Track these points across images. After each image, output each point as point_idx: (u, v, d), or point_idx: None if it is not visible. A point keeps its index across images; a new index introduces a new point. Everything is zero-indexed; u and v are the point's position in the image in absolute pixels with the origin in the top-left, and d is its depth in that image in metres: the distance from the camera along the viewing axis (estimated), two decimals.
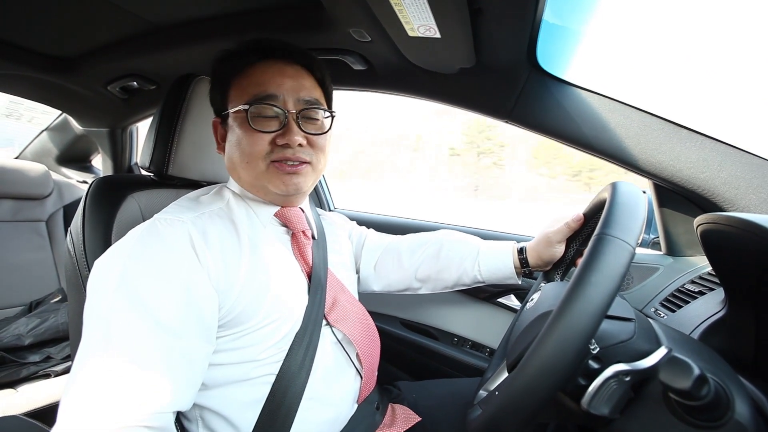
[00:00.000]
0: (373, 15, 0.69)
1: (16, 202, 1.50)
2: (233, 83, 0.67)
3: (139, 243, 0.55)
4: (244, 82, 0.65)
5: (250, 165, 0.64)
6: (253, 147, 0.63)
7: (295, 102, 0.65)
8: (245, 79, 0.66)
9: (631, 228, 0.41)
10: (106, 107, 1.44)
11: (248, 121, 0.62)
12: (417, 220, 1.35)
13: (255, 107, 0.63)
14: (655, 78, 5.10)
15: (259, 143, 0.63)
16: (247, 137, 0.63)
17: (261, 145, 0.63)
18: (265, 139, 0.63)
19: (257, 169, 0.64)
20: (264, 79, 0.64)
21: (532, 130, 0.91)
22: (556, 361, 0.37)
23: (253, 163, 0.64)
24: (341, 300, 0.73)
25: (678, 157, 0.79)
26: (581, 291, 0.37)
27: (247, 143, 0.63)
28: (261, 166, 0.64)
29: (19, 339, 1.25)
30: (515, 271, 0.80)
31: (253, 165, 0.64)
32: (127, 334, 0.49)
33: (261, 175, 0.64)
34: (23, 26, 0.97)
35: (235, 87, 0.66)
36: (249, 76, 0.65)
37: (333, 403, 0.67)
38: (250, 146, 0.63)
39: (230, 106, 0.66)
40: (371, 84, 1.05)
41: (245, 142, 0.63)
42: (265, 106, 0.63)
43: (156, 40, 1.01)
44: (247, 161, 0.64)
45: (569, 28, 0.83)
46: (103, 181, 0.77)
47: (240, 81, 0.66)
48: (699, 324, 0.63)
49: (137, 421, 0.46)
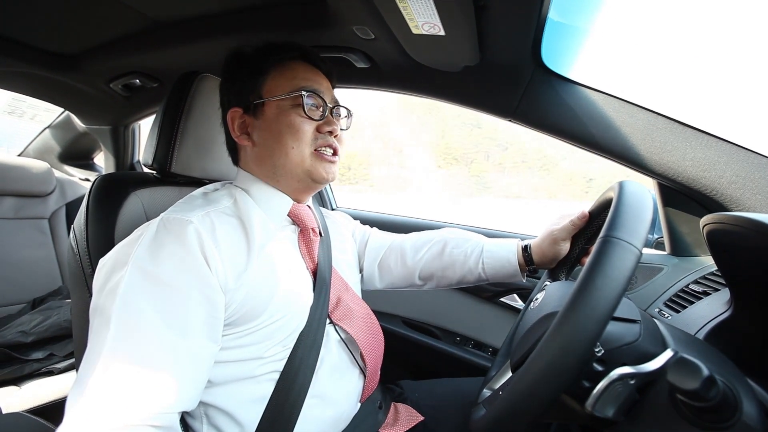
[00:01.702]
0: (377, 12, 0.69)
1: (18, 199, 1.50)
2: (272, 73, 0.69)
3: (146, 242, 0.55)
4: (287, 74, 0.69)
5: (296, 150, 0.66)
6: (301, 133, 0.66)
7: (330, 99, 0.71)
8: (288, 71, 0.69)
9: (637, 230, 0.41)
10: (108, 105, 1.44)
11: (303, 107, 0.66)
12: (420, 219, 1.35)
13: (307, 95, 0.67)
14: (661, 76, 5.06)
15: (307, 129, 0.67)
16: (297, 123, 0.66)
17: (309, 131, 0.67)
18: (312, 126, 0.67)
19: (303, 153, 0.67)
20: (309, 75, 0.70)
21: (536, 129, 0.90)
22: (561, 364, 0.36)
23: (301, 147, 0.67)
24: (345, 299, 0.73)
25: (683, 157, 0.78)
26: (586, 295, 0.37)
27: (297, 129, 0.66)
28: (307, 152, 0.67)
29: (22, 336, 1.25)
30: (519, 269, 0.80)
31: (300, 150, 0.67)
32: (134, 333, 0.49)
33: (305, 160, 0.67)
34: (26, 23, 0.97)
35: (276, 77, 0.69)
36: (289, 70, 0.69)
37: (336, 401, 0.67)
38: (299, 132, 0.66)
39: (268, 95, 0.68)
40: (374, 82, 1.05)
41: (294, 127, 0.66)
42: (314, 97, 0.68)
43: (159, 38, 1.01)
44: (292, 146, 0.66)
45: (574, 26, 0.82)
46: (107, 178, 0.76)
47: (281, 73, 0.69)
48: (704, 325, 0.62)
49: (143, 420, 0.46)
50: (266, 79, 0.69)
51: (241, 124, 0.70)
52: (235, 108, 0.70)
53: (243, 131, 0.70)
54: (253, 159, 0.70)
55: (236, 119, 0.70)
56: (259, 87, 0.69)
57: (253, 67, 0.69)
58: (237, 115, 0.70)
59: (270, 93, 0.68)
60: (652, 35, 1.97)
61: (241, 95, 0.70)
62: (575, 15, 0.80)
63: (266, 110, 0.68)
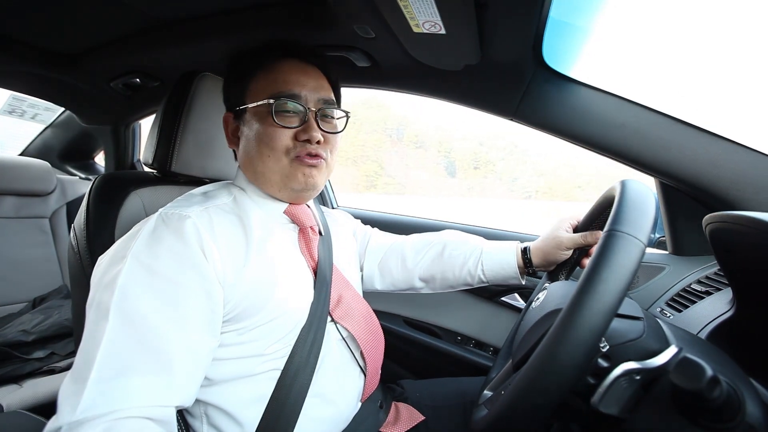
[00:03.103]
0: (377, 11, 0.69)
1: (19, 198, 1.51)
2: (253, 79, 0.68)
3: (144, 237, 0.55)
4: (267, 77, 0.67)
5: (272, 159, 0.65)
6: (276, 141, 0.64)
7: (315, 101, 0.67)
8: (268, 75, 0.67)
9: (641, 224, 0.41)
10: (109, 104, 1.43)
11: (272, 116, 0.63)
12: (420, 219, 1.35)
13: (278, 103, 0.64)
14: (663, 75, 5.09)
15: (282, 138, 0.64)
16: (270, 132, 0.64)
17: (284, 140, 0.64)
18: (287, 134, 0.65)
19: (280, 163, 0.65)
20: (287, 77, 0.66)
21: (537, 128, 0.90)
22: (567, 359, 0.36)
23: (276, 157, 0.65)
24: (346, 297, 0.73)
25: (685, 156, 0.78)
26: (592, 288, 0.37)
27: (270, 138, 0.64)
28: (284, 161, 0.65)
29: (23, 335, 1.26)
30: (519, 271, 0.80)
31: (276, 159, 0.65)
32: (132, 326, 0.49)
33: (283, 170, 0.65)
34: (27, 22, 0.97)
35: (256, 82, 0.67)
36: (271, 73, 0.67)
37: (337, 400, 0.66)
38: (273, 140, 0.64)
39: (249, 101, 0.67)
40: (375, 81, 1.05)
41: (268, 136, 0.64)
42: (288, 103, 0.65)
43: (159, 37, 1.00)
44: (268, 155, 0.65)
45: (576, 24, 0.82)
46: (107, 177, 0.76)
47: (262, 77, 0.67)
48: (706, 324, 0.62)
49: (137, 412, 0.46)
50: (250, 83, 0.68)
51: (234, 129, 0.71)
52: (228, 112, 0.71)
53: (235, 135, 0.71)
54: (242, 164, 0.71)
55: (230, 124, 0.71)
56: (243, 92, 0.68)
57: (241, 71, 0.69)
58: (230, 119, 0.71)
59: (251, 99, 0.67)
60: (654, 33, 1.99)
61: (230, 101, 0.71)
62: (577, 13, 0.79)
63: (247, 117, 0.67)
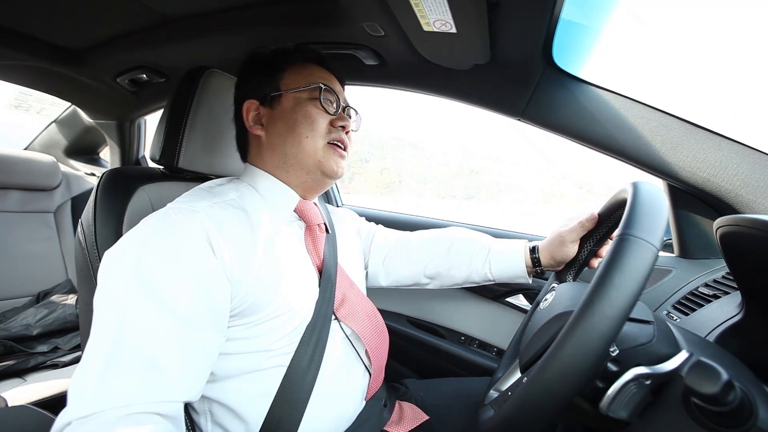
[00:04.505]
0: (388, 9, 0.68)
1: (24, 193, 1.51)
2: (289, 70, 0.72)
3: (152, 231, 0.55)
4: (304, 72, 0.72)
5: (310, 139, 0.68)
6: (318, 123, 0.68)
7: (342, 99, 0.74)
8: (304, 70, 0.72)
9: (654, 228, 0.40)
10: (115, 99, 1.43)
11: (320, 99, 0.69)
12: (426, 218, 1.34)
13: (325, 89, 0.69)
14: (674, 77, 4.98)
15: (322, 121, 0.69)
16: (314, 113, 0.68)
17: (324, 123, 0.69)
18: (327, 119, 0.70)
19: (316, 144, 0.68)
20: (323, 75, 0.73)
21: (545, 129, 0.90)
22: (577, 363, 0.36)
23: (314, 138, 0.68)
24: (350, 296, 0.72)
25: (695, 158, 0.77)
26: (604, 292, 0.37)
27: (313, 119, 0.68)
28: (320, 143, 0.69)
29: (27, 329, 1.26)
30: (527, 270, 0.79)
31: (314, 140, 0.68)
32: (140, 321, 0.49)
33: (318, 152, 0.69)
34: (34, 16, 0.97)
35: (293, 74, 0.71)
36: (308, 69, 0.73)
37: (342, 398, 0.66)
38: (315, 122, 0.68)
39: (286, 87, 0.70)
40: (382, 79, 1.04)
41: (311, 117, 0.68)
42: (330, 92, 0.71)
43: (166, 33, 1.00)
44: (307, 136, 0.68)
45: (586, 25, 0.81)
46: (114, 173, 0.76)
47: (298, 71, 0.72)
48: (714, 328, 0.62)
49: (146, 407, 0.46)
50: (283, 74, 0.71)
51: (255, 115, 0.72)
52: (251, 100, 0.72)
53: (257, 122, 0.72)
54: (265, 148, 0.71)
55: (251, 110, 0.72)
56: (276, 80, 0.71)
57: (271, 64, 0.72)
58: (253, 106, 0.72)
59: (287, 86, 0.70)
60: (666, 35, 1.94)
61: (258, 88, 0.72)
62: (588, 14, 0.79)
63: (283, 101, 0.70)
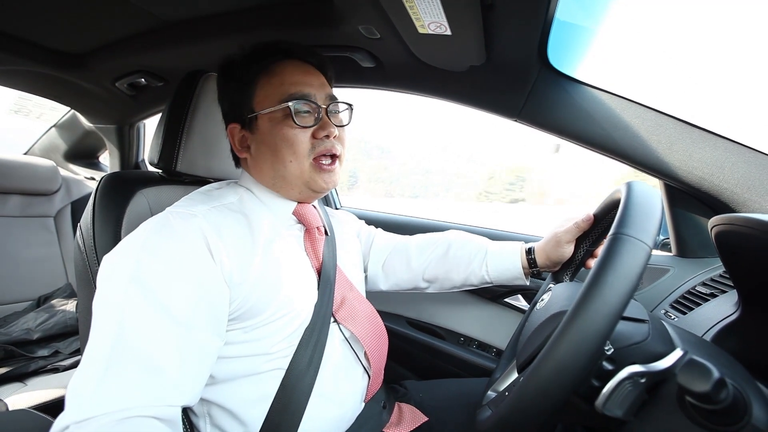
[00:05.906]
0: (383, 11, 0.69)
1: (24, 197, 1.51)
2: (258, 85, 0.67)
3: (151, 235, 0.55)
4: (273, 82, 0.66)
5: (294, 163, 0.65)
6: (298, 145, 0.65)
7: (323, 98, 0.68)
8: (272, 79, 0.67)
9: (647, 227, 0.41)
10: (114, 104, 1.44)
11: (292, 118, 0.64)
12: (425, 220, 1.35)
13: (296, 105, 0.64)
14: (669, 76, 4.96)
15: (303, 139, 0.65)
16: (291, 135, 0.65)
17: (305, 141, 0.65)
18: (307, 135, 0.65)
19: (303, 165, 0.66)
20: (294, 79, 0.66)
21: (542, 129, 0.90)
22: (571, 361, 0.36)
23: (299, 160, 0.65)
24: (349, 298, 0.73)
25: (691, 157, 0.78)
26: (597, 291, 0.37)
27: (292, 141, 0.65)
28: (306, 163, 0.66)
29: (27, 333, 1.26)
30: (523, 271, 0.80)
31: (299, 162, 0.65)
32: (139, 325, 0.49)
33: (304, 174, 0.66)
34: (33, 22, 0.98)
35: (263, 89, 0.67)
36: (276, 76, 0.67)
37: (341, 400, 0.66)
38: (295, 144, 0.65)
39: (261, 108, 0.66)
40: (379, 82, 1.05)
41: (289, 140, 0.64)
42: (304, 103, 0.65)
43: (164, 37, 1.01)
44: (290, 160, 0.65)
45: (581, 25, 0.82)
46: (113, 177, 0.77)
47: (266, 82, 0.67)
48: (711, 327, 0.62)
49: (144, 411, 0.46)
50: (255, 89, 0.67)
51: (241, 138, 0.70)
52: (233, 123, 0.70)
53: (243, 145, 0.70)
54: (253, 170, 0.71)
55: (236, 134, 0.70)
56: (250, 100, 0.67)
57: (242, 79, 0.68)
58: (236, 130, 0.70)
59: (261, 105, 0.66)
60: (661, 35, 1.95)
61: (236, 110, 0.70)
62: (582, 14, 0.79)
63: (260, 124, 0.67)
